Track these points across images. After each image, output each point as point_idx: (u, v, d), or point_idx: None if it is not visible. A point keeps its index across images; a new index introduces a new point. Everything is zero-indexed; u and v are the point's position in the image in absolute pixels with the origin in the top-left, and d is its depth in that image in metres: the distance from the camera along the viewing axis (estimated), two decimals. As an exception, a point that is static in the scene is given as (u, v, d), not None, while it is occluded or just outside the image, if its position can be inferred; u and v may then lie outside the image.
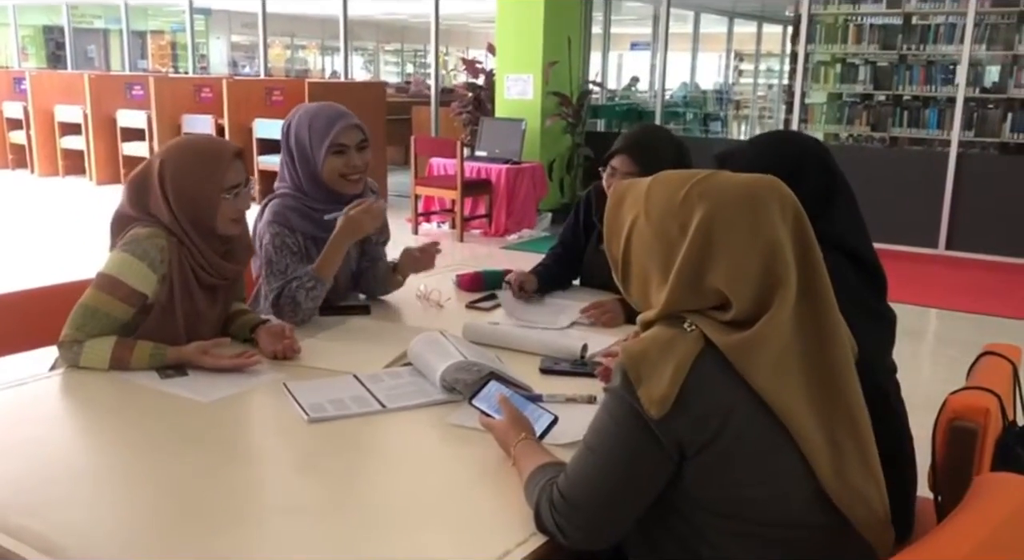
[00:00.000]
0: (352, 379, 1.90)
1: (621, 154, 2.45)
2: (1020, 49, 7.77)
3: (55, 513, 1.35)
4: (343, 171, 2.34)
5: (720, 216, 1.23)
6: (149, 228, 1.98)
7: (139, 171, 2.02)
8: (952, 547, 1.12)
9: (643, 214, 1.30)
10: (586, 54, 8.75)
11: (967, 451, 1.58)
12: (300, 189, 2.36)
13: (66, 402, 1.88)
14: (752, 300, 1.21)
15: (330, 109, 2.37)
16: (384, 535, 1.32)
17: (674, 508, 1.26)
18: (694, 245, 1.23)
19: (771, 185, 1.27)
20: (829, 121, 8.57)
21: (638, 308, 1.37)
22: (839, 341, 1.25)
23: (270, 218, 2.32)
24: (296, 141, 2.33)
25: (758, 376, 1.19)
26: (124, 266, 1.94)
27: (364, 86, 10.21)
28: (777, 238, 1.21)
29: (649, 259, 1.29)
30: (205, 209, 1.98)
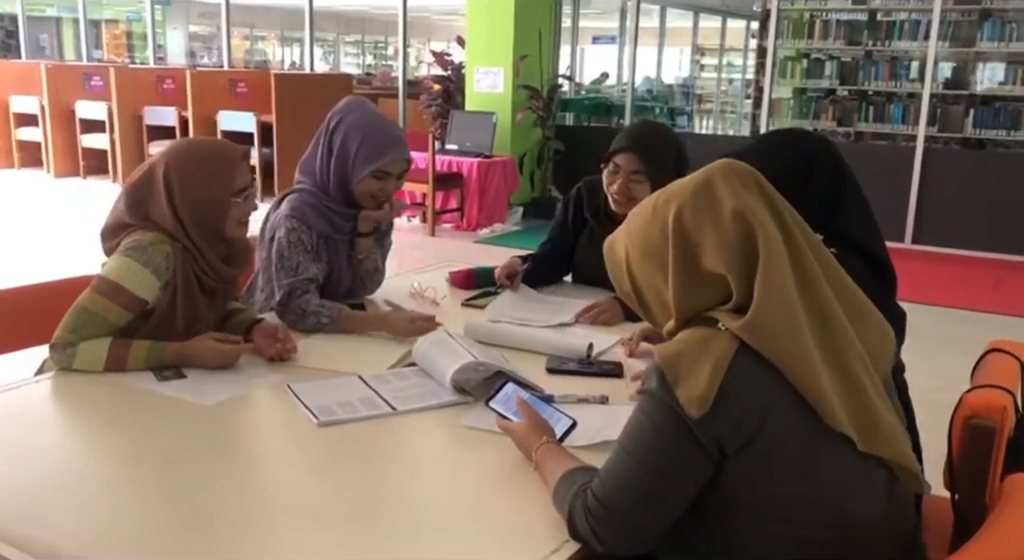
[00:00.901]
0: (357, 380, 1.86)
1: (626, 152, 2.42)
2: (981, 46, 7.91)
3: (61, 522, 1.29)
4: (376, 194, 2.30)
5: (686, 207, 1.27)
6: (153, 233, 1.92)
7: (139, 177, 1.95)
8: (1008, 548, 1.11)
9: (630, 244, 1.35)
10: (556, 48, 8.73)
11: (985, 449, 1.59)
12: (324, 188, 2.31)
13: (60, 407, 1.81)
14: (742, 271, 1.22)
15: (388, 131, 2.30)
16: (412, 544, 1.28)
17: (710, 510, 1.24)
18: (676, 240, 1.27)
19: (723, 166, 1.30)
20: (796, 116, 8.65)
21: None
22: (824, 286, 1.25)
23: (288, 212, 2.26)
24: (341, 146, 2.26)
25: (771, 346, 1.19)
26: (127, 272, 1.88)
27: (330, 78, 10.09)
28: (742, 202, 1.24)
29: (652, 275, 1.32)
30: (215, 213, 1.93)
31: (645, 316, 1.38)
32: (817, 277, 1.24)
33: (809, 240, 1.26)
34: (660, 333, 2.12)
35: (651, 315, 1.36)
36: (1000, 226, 6.91)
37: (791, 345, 1.19)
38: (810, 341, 1.20)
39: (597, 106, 9.59)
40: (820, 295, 1.23)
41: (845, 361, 1.23)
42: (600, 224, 2.64)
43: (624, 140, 2.45)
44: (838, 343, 1.23)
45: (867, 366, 1.27)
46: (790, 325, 1.19)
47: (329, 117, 2.31)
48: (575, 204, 2.73)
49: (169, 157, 1.94)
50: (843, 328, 1.24)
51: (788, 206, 1.27)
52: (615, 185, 2.46)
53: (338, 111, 2.30)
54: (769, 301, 1.19)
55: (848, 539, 1.23)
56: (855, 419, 1.22)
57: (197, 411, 1.71)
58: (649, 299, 1.34)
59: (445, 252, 6.58)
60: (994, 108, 7.97)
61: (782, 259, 1.21)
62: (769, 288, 1.19)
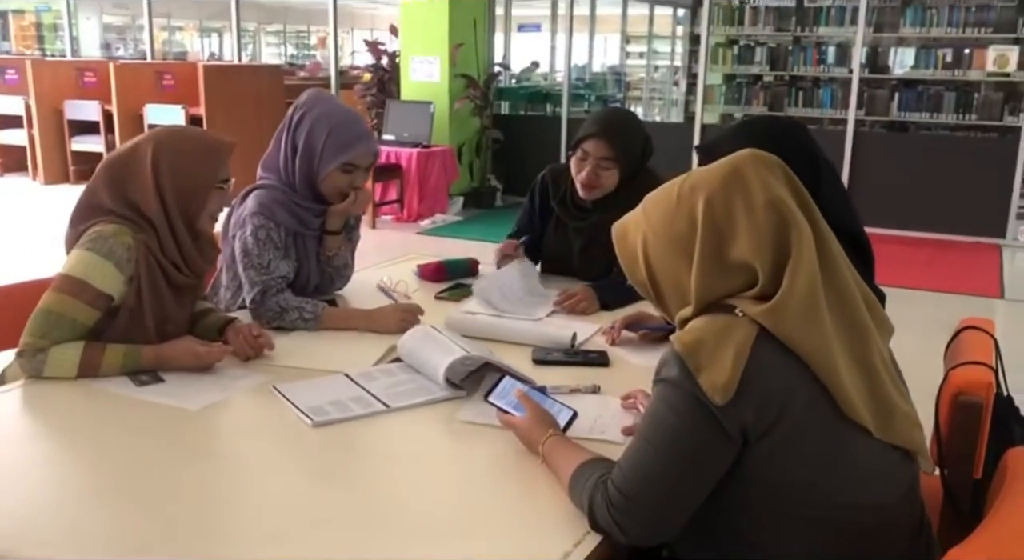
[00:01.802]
0: (344, 378, 1.82)
1: (595, 138, 2.42)
2: (904, 31, 8.14)
3: (49, 537, 1.24)
4: (343, 189, 2.24)
5: (716, 196, 1.26)
6: (114, 225, 1.83)
7: (121, 155, 1.88)
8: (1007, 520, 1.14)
9: (650, 232, 1.33)
10: (491, 36, 8.69)
11: (973, 425, 1.63)
12: (289, 184, 2.23)
13: (32, 418, 1.72)
14: (773, 261, 1.22)
15: (354, 124, 2.25)
16: (430, 544, 1.26)
17: (730, 496, 1.24)
18: (707, 230, 1.26)
19: (751, 155, 1.30)
20: (728, 101, 8.78)
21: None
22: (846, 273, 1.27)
23: (255, 209, 2.19)
24: (307, 141, 2.19)
25: (792, 333, 1.19)
26: (89, 266, 1.79)
27: (261, 69, 9.86)
28: (775, 194, 1.24)
29: (675, 264, 1.30)
30: (196, 200, 1.88)
31: (657, 303, 1.37)
32: (840, 267, 1.25)
33: (827, 229, 1.27)
34: (641, 320, 2.14)
35: (664, 303, 1.35)
36: (927, 206, 7.15)
37: (813, 332, 1.20)
38: (831, 330, 1.21)
39: (533, 95, 9.58)
40: (841, 285, 1.25)
41: (862, 351, 1.25)
42: (566, 212, 2.63)
43: (593, 126, 2.44)
44: (857, 332, 1.25)
45: (883, 355, 1.29)
46: (813, 313, 1.20)
47: (291, 112, 2.24)
48: (540, 193, 2.71)
49: (159, 136, 1.88)
50: (862, 319, 1.26)
51: (809, 195, 1.27)
52: (583, 172, 2.45)
53: (301, 105, 2.23)
54: (796, 288, 1.19)
55: (868, 521, 1.25)
56: (871, 407, 1.24)
57: (182, 416, 1.64)
58: (665, 287, 1.33)
59: (387, 245, 6.49)
60: (917, 91, 8.21)
61: (812, 250, 1.22)
62: (798, 277, 1.20)
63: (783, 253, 1.22)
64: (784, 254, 1.22)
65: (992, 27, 7.77)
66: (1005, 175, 6.99)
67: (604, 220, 2.52)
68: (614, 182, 2.48)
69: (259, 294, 2.14)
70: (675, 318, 1.33)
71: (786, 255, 1.21)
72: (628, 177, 2.48)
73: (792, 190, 1.26)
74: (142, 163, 1.85)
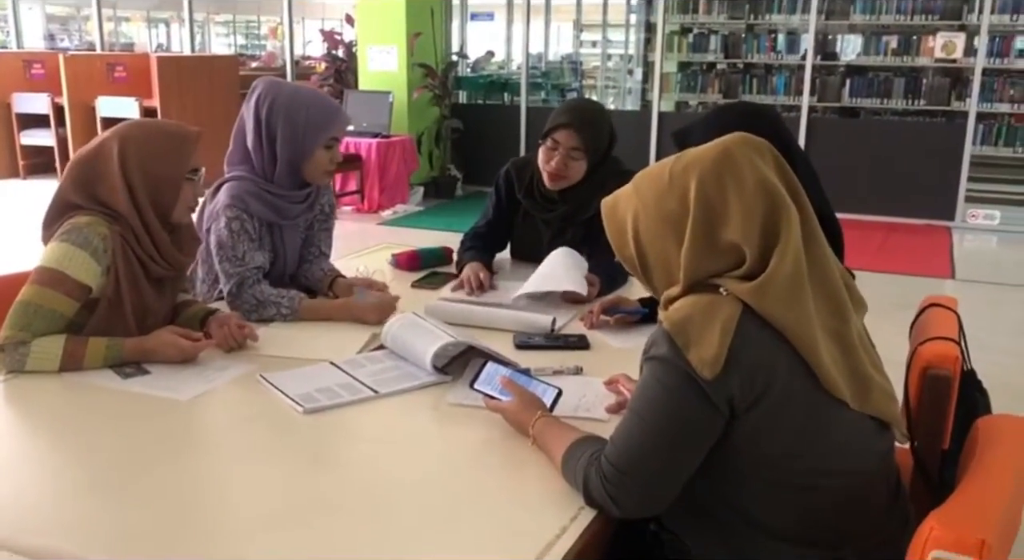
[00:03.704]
0: (330, 366, 1.84)
1: (567, 129, 2.44)
2: (854, 19, 8.30)
3: (50, 527, 1.25)
4: (327, 166, 2.27)
5: (709, 178, 1.29)
6: (88, 216, 1.83)
7: (87, 154, 1.87)
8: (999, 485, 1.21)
9: (641, 208, 1.36)
10: (448, 25, 8.68)
11: (941, 397, 1.70)
12: (263, 173, 2.23)
13: (22, 411, 1.71)
14: (760, 243, 1.27)
15: (324, 100, 2.30)
16: (429, 524, 1.29)
17: (718, 467, 1.29)
18: (699, 210, 1.29)
19: (741, 138, 1.35)
20: (684, 89, 8.88)
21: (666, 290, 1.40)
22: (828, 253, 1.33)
23: (227, 201, 2.18)
24: (286, 126, 2.19)
25: (775, 311, 1.24)
26: (65, 257, 1.79)
27: (216, 60, 9.73)
28: (765, 176, 1.29)
29: (664, 241, 1.34)
30: (168, 191, 1.87)
31: (644, 280, 1.40)
32: (823, 247, 1.30)
33: (811, 211, 1.32)
34: (617, 304, 2.18)
35: (650, 278, 1.39)
36: (879, 189, 7.31)
37: (795, 311, 1.25)
38: (812, 308, 1.26)
39: (491, 84, 9.59)
40: (824, 264, 1.30)
41: (841, 327, 1.31)
42: (533, 204, 2.64)
43: (565, 117, 2.47)
44: (836, 309, 1.31)
45: (859, 331, 1.35)
46: (797, 294, 1.25)
47: (255, 103, 2.21)
48: (505, 186, 2.71)
49: (124, 132, 1.87)
50: (841, 296, 1.31)
51: (795, 178, 1.32)
52: (553, 161, 2.47)
53: (264, 95, 2.21)
54: (782, 270, 1.24)
55: (849, 487, 1.31)
56: (848, 381, 1.29)
57: (172, 407, 1.66)
58: (652, 263, 1.36)
59: (349, 236, 6.47)
60: (867, 77, 8.39)
61: (798, 232, 1.26)
62: (784, 259, 1.24)
63: (771, 235, 1.26)
64: (772, 236, 1.26)
65: (939, 14, 7.96)
66: (953, 158, 7.18)
67: (571, 211, 2.58)
68: (581, 172, 2.51)
69: (235, 286, 2.15)
70: (660, 293, 1.37)
71: (774, 237, 1.26)
72: (593, 167, 2.51)
73: (780, 173, 1.31)
74: (108, 161, 1.84)
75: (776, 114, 2.06)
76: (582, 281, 2.29)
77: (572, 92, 11.36)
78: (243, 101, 2.28)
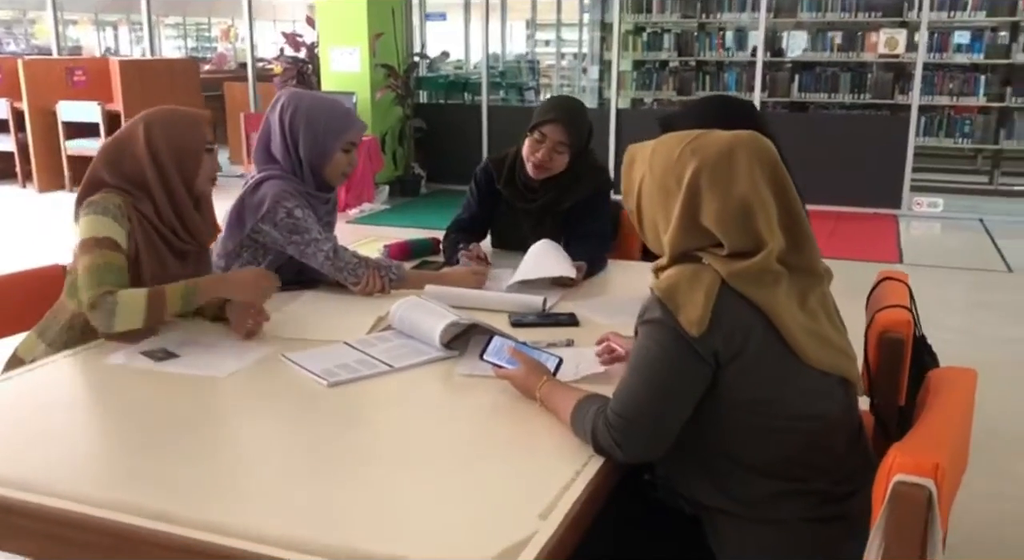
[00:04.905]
0: (344, 346, 2.00)
1: (556, 124, 2.62)
2: (802, 16, 8.61)
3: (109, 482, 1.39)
4: (345, 167, 2.49)
5: (705, 169, 1.48)
6: (103, 194, 2.05)
7: (116, 136, 2.12)
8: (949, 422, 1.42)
9: (648, 172, 1.55)
10: (410, 25, 8.81)
11: (896, 358, 1.92)
12: (294, 173, 2.44)
13: (70, 388, 1.87)
14: (739, 237, 1.46)
15: (341, 107, 2.51)
16: (459, 474, 1.46)
17: (709, 414, 1.48)
18: (687, 194, 1.48)
19: (750, 142, 1.52)
20: (640, 87, 9.13)
21: (653, 249, 1.60)
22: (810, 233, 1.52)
23: (281, 194, 2.36)
24: (307, 131, 2.40)
25: (754, 291, 1.45)
26: (96, 224, 2.00)
27: (177, 64, 9.74)
28: (753, 187, 1.47)
29: (655, 209, 1.54)
30: (191, 162, 2.10)
31: (639, 229, 1.61)
32: (807, 232, 1.50)
33: (798, 204, 1.50)
34: None
35: (643, 232, 1.59)
36: (828, 180, 7.60)
37: (764, 293, 1.45)
38: (782, 290, 1.46)
39: (452, 84, 9.74)
40: (808, 254, 1.50)
41: (808, 295, 1.51)
42: (515, 193, 2.80)
43: (554, 112, 2.64)
44: (810, 280, 1.51)
45: (824, 299, 1.55)
46: (768, 281, 1.45)
47: (279, 114, 2.43)
48: (485, 179, 2.87)
49: (147, 114, 2.13)
50: (817, 269, 1.52)
51: (790, 185, 1.50)
52: (539, 153, 2.65)
53: (286, 105, 2.43)
54: (755, 264, 1.44)
55: (817, 430, 1.51)
56: (810, 342, 1.49)
57: (211, 383, 1.82)
58: (646, 221, 1.57)
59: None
60: (815, 73, 8.70)
61: (777, 235, 1.46)
62: (764, 256, 1.44)
63: (748, 236, 1.45)
64: (747, 236, 1.45)
65: (881, 11, 8.30)
66: (899, 150, 7.51)
67: (551, 200, 2.76)
68: (563, 165, 2.69)
69: (331, 251, 2.38)
70: (650, 244, 1.59)
71: (750, 237, 1.45)
72: (573, 160, 2.70)
73: (773, 181, 1.48)
74: (135, 138, 2.07)
75: (753, 106, 2.25)
76: (571, 267, 2.47)
77: (530, 90, 11.55)
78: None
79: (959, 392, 1.55)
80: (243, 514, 1.31)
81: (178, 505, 1.33)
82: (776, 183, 1.49)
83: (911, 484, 1.27)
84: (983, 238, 6.67)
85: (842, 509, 1.51)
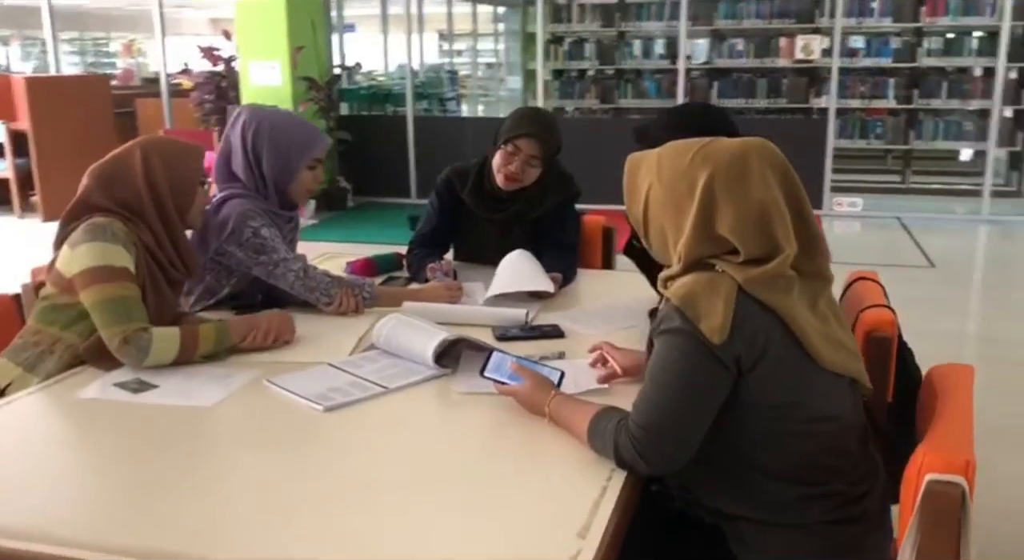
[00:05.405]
0: (330, 368, 1.93)
1: (531, 138, 2.58)
2: (719, 24, 8.81)
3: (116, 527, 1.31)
4: (310, 185, 2.41)
5: (719, 177, 1.47)
6: (105, 217, 1.95)
7: (109, 159, 2.02)
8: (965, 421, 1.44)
9: (656, 179, 1.54)
10: (330, 38, 8.68)
11: (884, 356, 1.94)
12: (257, 191, 2.35)
13: (48, 426, 1.74)
14: (756, 243, 1.46)
15: (305, 124, 2.46)
16: (480, 497, 1.42)
17: (730, 420, 1.47)
18: (702, 202, 1.47)
19: (759, 149, 1.52)
20: (563, 96, 9.18)
21: (659, 260, 1.59)
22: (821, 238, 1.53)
23: (246, 213, 2.28)
24: (272, 149, 2.32)
25: (770, 297, 1.45)
26: (108, 252, 1.91)
27: (86, 80, 9.37)
28: (768, 192, 1.47)
29: (664, 217, 1.53)
30: (187, 194, 2.04)
31: (643, 238, 1.59)
32: (817, 235, 1.50)
33: (809, 209, 1.51)
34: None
35: (649, 240, 1.58)
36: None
37: (779, 297, 1.45)
38: (796, 294, 1.47)
39: (374, 95, 9.64)
40: (817, 249, 1.51)
41: (818, 299, 1.52)
42: (480, 204, 2.76)
43: (529, 127, 2.61)
44: (819, 284, 1.52)
45: (830, 301, 1.56)
46: (782, 286, 1.45)
47: (241, 132, 2.34)
48: (447, 190, 2.82)
49: (145, 141, 2.05)
50: (826, 273, 1.53)
51: (802, 193, 1.50)
52: (513, 165, 2.61)
53: (247, 123, 2.34)
54: (771, 270, 1.44)
55: (832, 432, 1.52)
56: (824, 346, 1.49)
57: (198, 414, 1.72)
58: (652, 229, 1.55)
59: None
60: (732, 79, 8.91)
61: (791, 239, 1.46)
62: (779, 261, 1.44)
63: (767, 240, 1.45)
64: (765, 242, 1.45)
65: (794, 18, 8.55)
66: (818, 151, 7.73)
67: (520, 211, 2.73)
68: (535, 177, 2.67)
69: (301, 272, 2.31)
70: (653, 251, 1.59)
71: (771, 243, 1.45)
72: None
73: (786, 185, 1.48)
74: (131, 164, 1.98)
75: (727, 113, 2.26)
76: (547, 280, 2.45)
77: (451, 100, 11.52)
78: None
79: (964, 389, 1.58)
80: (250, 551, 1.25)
81: (180, 545, 1.26)
82: (788, 188, 1.49)
83: (944, 482, 1.29)
84: (902, 235, 6.92)
85: (859, 509, 1.53)
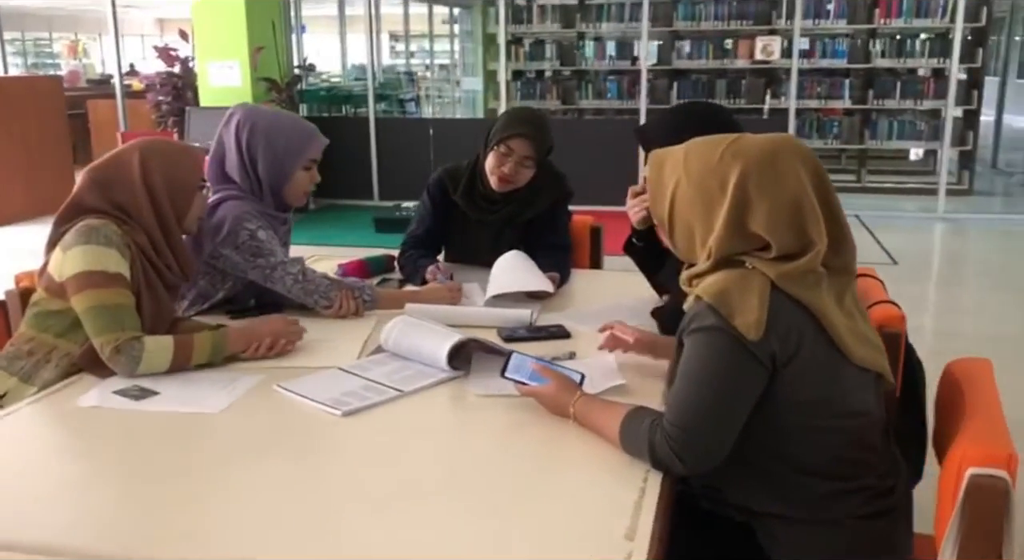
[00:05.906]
0: (340, 372, 1.89)
1: (524, 139, 2.56)
2: (678, 26, 8.88)
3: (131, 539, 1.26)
4: (306, 186, 2.36)
5: (752, 173, 1.46)
6: (100, 220, 1.89)
7: (105, 160, 1.97)
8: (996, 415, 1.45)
9: (684, 177, 1.52)
10: (289, 38, 8.57)
11: (893, 351, 1.94)
12: (252, 192, 2.29)
13: (45, 442, 1.67)
14: (789, 238, 1.45)
15: (300, 123, 2.39)
16: (516, 500, 1.39)
17: (764, 417, 1.46)
18: (735, 198, 1.46)
19: (792, 144, 1.52)
20: (524, 96, 9.17)
21: (684, 258, 1.58)
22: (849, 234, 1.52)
23: (242, 215, 2.21)
24: (266, 150, 2.26)
25: (802, 292, 1.45)
26: (102, 256, 1.85)
27: (37, 81, 9.13)
28: (802, 191, 1.47)
29: (692, 214, 1.51)
30: (184, 199, 1.99)
31: (667, 237, 1.58)
32: (846, 237, 1.50)
33: (838, 204, 1.50)
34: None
35: (673, 239, 1.57)
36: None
37: (811, 292, 1.45)
38: (825, 289, 1.47)
39: (334, 96, 9.53)
40: (846, 246, 1.50)
41: (845, 295, 1.52)
42: (472, 205, 2.73)
43: (522, 127, 2.58)
44: (845, 279, 1.52)
45: (854, 297, 1.56)
46: (812, 281, 1.45)
47: (235, 132, 2.28)
48: (440, 191, 2.78)
49: (142, 144, 1.99)
50: (852, 268, 1.53)
51: (831, 187, 1.50)
52: (506, 166, 2.59)
53: (242, 123, 2.29)
54: (803, 265, 1.44)
55: (861, 427, 1.53)
56: (853, 341, 1.50)
57: (205, 421, 1.67)
58: (678, 227, 1.53)
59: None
60: (691, 80, 9.00)
61: (823, 235, 1.45)
62: (811, 257, 1.44)
63: (801, 235, 1.44)
64: (802, 236, 1.44)
65: (752, 20, 8.66)
66: (778, 152, 7.80)
67: (513, 212, 2.71)
68: (528, 178, 2.65)
69: (300, 275, 2.25)
70: (678, 251, 1.57)
71: (805, 238, 1.44)
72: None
73: (816, 180, 1.48)
74: (128, 167, 1.93)
75: (728, 112, 2.26)
76: (545, 280, 2.43)
77: (410, 102, 11.44)
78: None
79: (988, 383, 1.59)
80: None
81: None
82: (818, 182, 1.49)
83: (987, 476, 1.29)
84: (863, 233, 7.02)
85: (888, 503, 1.53)
